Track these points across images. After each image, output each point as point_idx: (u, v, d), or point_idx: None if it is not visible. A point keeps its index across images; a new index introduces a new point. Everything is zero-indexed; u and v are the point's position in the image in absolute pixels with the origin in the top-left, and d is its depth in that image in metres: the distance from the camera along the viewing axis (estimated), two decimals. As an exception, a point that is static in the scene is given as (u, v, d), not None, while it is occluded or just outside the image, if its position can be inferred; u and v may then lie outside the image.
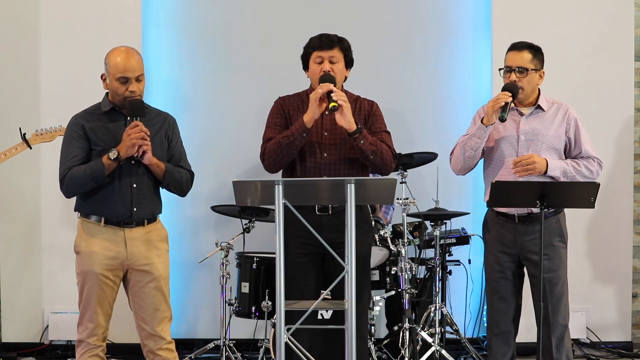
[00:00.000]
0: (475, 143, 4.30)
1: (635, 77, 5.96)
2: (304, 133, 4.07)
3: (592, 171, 4.35)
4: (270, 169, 4.22)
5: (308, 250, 4.00)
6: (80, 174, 3.94)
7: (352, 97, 4.29)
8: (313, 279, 4.11)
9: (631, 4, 5.92)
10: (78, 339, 4.06)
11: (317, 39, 4.25)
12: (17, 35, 5.75)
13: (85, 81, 5.69)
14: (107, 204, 3.99)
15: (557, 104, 4.40)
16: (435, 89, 6.05)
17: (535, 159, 4.24)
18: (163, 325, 4.07)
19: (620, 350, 5.90)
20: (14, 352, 5.68)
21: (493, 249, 4.40)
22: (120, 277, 4.06)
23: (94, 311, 4.00)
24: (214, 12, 6.02)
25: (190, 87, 5.98)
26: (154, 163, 4.01)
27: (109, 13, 5.75)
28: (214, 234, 5.74)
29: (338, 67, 4.20)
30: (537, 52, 4.35)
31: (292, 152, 4.10)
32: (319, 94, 4.03)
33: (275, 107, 4.31)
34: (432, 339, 5.20)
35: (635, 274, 6.03)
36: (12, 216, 5.77)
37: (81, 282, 4.03)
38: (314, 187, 3.77)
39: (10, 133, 5.30)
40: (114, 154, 3.91)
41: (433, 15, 6.05)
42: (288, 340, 3.56)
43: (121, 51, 4.04)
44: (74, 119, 4.09)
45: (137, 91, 3.99)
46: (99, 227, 4.01)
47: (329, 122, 4.20)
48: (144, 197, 4.04)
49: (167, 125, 4.17)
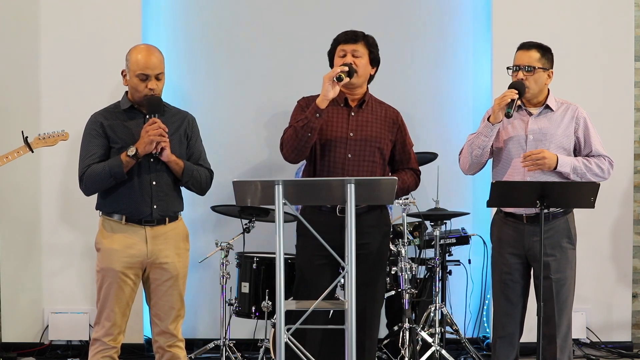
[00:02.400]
0: (483, 141, 4.29)
1: (635, 77, 5.96)
2: (317, 113, 4.03)
3: (603, 169, 4.32)
4: (288, 157, 4.17)
5: (327, 253, 4.02)
6: (99, 171, 3.95)
7: (377, 101, 4.31)
8: (330, 281, 4.03)
9: (631, 4, 5.92)
10: (93, 337, 4.05)
11: (342, 33, 4.25)
12: (17, 36, 5.74)
13: (86, 81, 5.72)
14: (127, 202, 4.00)
15: (566, 104, 4.38)
16: (435, 89, 6.05)
17: (545, 154, 4.21)
18: (176, 324, 4.11)
19: (620, 350, 5.90)
20: (14, 352, 5.68)
21: (501, 250, 4.37)
22: (140, 277, 4.06)
23: (112, 310, 3.99)
24: (214, 12, 6.01)
25: (190, 86, 5.98)
26: (172, 160, 4.01)
27: (109, 13, 5.74)
28: (214, 234, 5.74)
29: (361, 61, 4.18)
30: (546, 52, 4.34)
31: (308, 135, 4.05)
32: (334, 73, 4.02)
33: (298, 105, 4.29)
34: (432, 339, 5.20)
35: (635, 274, 6.03)
36: (12, 216, 5.76)
37: (100, 279, 4.02)
38: (314, 187, 3.77)
39: (10, 133, 5.30)
40: (132, 150, 3.92)
41: (433, 15, 6.05)
42: (288, 340, 3.57)
43: (142, 48, 4.06)
44: (93, 117, 4.09)
45: (156, 89, 4.00)
46: (121, 225, 4.01)
47: (355, 123, 4.20)
48: (163, 195, 4.04)
49: (187, 123, 4.17)
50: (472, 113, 6.03)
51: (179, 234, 4.13)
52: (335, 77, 4.00)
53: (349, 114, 4.21)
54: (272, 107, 5.93)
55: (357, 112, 4.22)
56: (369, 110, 4.24)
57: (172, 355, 4.11)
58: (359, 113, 4.22)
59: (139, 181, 4.00)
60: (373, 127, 4.21)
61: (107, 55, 5.68)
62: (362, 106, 4.24)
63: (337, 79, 4.00)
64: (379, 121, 4.23)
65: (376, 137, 4.20)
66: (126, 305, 4.04)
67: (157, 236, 4.04)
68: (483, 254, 5.77)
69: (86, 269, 5.74)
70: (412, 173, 4.34)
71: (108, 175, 3.94)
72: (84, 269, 5.75)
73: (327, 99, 4.03)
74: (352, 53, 4.18)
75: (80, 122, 4.17)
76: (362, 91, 4.25)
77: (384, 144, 4.21)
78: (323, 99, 4.03)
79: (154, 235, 4.03)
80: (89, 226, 5.75)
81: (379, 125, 4.22)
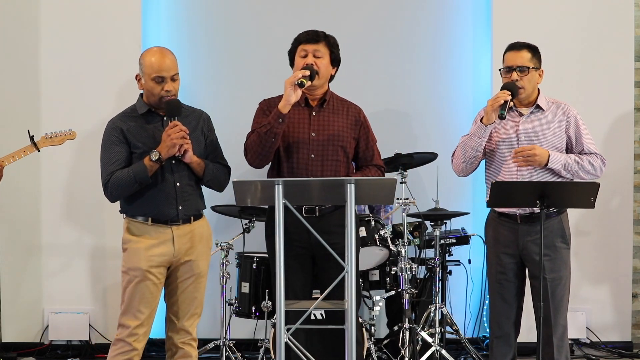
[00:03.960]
0: (476, 143, 4.30)
1: (635, 77, 5.95)
2: (280, 119, 4.04)
3: (595, 167, 4.33)
4: (252, 163, 4.19)
5: (296, 252, 4.00)
6: (124, 177, 3.95)
7: (338, 99, 4.31)
8: (303, 279, 4.11)
9: (631, 4, 5.92)
10: (116, 338, 4.01)
11: (304, 33, 4.25)
12: (17, 35, 5.74)
13: (86, 81, 5.72)
14: (153, 205, 4.01)
15: (556, 103, 4.40)
16: (435, 89, 6.05)
17: (536, 151, 4.22)
18: (192, 322, 4.12)
19: (620, 350, 5.90)
20: (14, 352, 5.68)
21: (495, 249, 4.39)
22: (165, 275, 4.05)
23: (138, 309, 3.97)
24: (214, 11, 6.02)
25: (190, 86, 5.97)
26: (194, 161, 4.03)
27: (109, 13, 5.75)
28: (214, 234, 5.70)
29: (322, 62, 4.19)
30: (535, 52, 4.36)
31: (272, 140, 4.07)
32: (295, 78, 4.01)
33: (259, 108, 4.30)
34: (432, 339, 5.20)
35: (635, 274, 6.02)
36: (12, 216, 5.77)
37: (127, 279, 4.00)
38: (314, 187, 3.77)
39: (10, 133, 5.30)
40: (155, 155, 3.92)
41: (433, 15, 6.05)
42: (288, 340, 3.57)
43: (155, 51, 4.05)
44: (112, 124, 4.08)
45: (172, 90, 4.01)
46: (147, 225, 4.01)
47: (317, 122, 4.20)
48: (187, 195, 4.06)
49: (203, 121, 4.19)
50: (472, 113, 6.00)
51: (204, 233, 4.15)
52: (297, 82, 3.99)
53: (310, 114, 4.20)
54: (272, 107, 5.93)
55: (318, 111, 4.22)
56: (330, 109, 4.24)
57: (184, 352, 4.12)
58: (320, 113, 4.22)
59: (163, 183, 4.01)
60: (335, 126, 4.21)
61: (107, 55, 5.69)
62: (323, 105, 4.24)
63: (298, 85, 4.00)
64: (341, 119, 4.23)
65: (338, 136, 4.19)
66: (151, 306, 4.01)
67: (184, 235, 4.05)
68: (483, 254, 5.76)
69: (86, 269, 5.74)
70: (376, 170, 4.33)
71: (133, 181, 3.95)
72: (84, 269, 5.76)
73: (289, 104, 4.03)
74: (313, 53, 4.18)
75: (80, 122, 4.19)
76: (322, 91, 4.26)
77: (346, 142, 4.21)
78: (285, 104, 4.03)
79: (181, 234, 4.04)
80: (89, 226, 5.78)
81: (341, 123, 4.22)
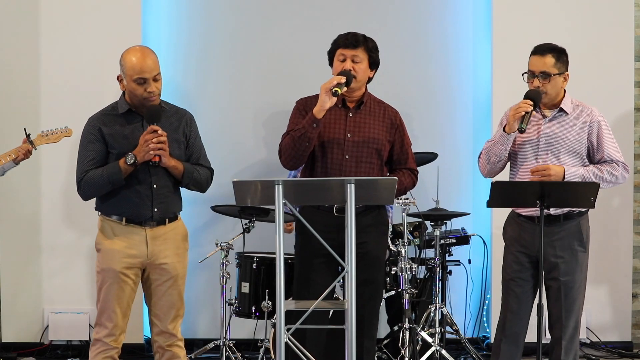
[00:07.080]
0: (499, 150, 4.27)
1: (635, 77, 5.95)
2: (314, 124, 4.03)
3: (617, 176, 4.26)
4: (286, 164, 4.18)
5: (326, 252, 4.01)
6: (97, 177, 3.94)
7: (375, 100, 4.29)
8: (330, 280, 4.00)
9: (631, 4, 5.92)
10: (94, 338, 4.04)
11: (343, 36, 4.21)
12: (17, 35, 5.74)
13: (86, 81, 5.72)
14: (127, 205, 3.99)
15: (581, 107, 4.31)
16: (435, 89, 6.05)
17: (551, 171, 4.17)
18: (175, 324, 4.11)
19: (620, 350, 5.90)
20: (14, 352, 5.68)
21: (512, 248, 4.36)
22: (139, 277, 4.06)
23: (113, 310, 3.99)
24: (214, 12, 6.01)
25: (190, 86, 5.98)
26: (171, 166, 3.99)
27: (109, 13, 5.74)
28: (214, 234, 5.73)
29: (360, 66, 4.16)
30: (561, 54, 4.25)
31: (305, 144, 4.07)
32: (330, 84, 3.99)
33: (296, 108, 4.28)
34: (432, 339, 5.20)
35: (635, 274, 6.02)
36: (12, 216, 5.77)
37: (100, 280, 4.01)
38: (314, 187, 3.77)
39: (10, 133, 5.30)
40: (131, 158, 3.89)
41: (433, 15, 6.05)
42: (288, 340, 3.57)
43: (136, 51, 3.98)
44: (90, 122, 4.06)
45: (155, 91, 3.95)
46: (121, 225, 4.00)
47: (353, 124, 4.19)
48: (164, 197, 4.03)
49: (185, 123, 4.12)
50: (472, 113, 6.04)
51: (179, 234, 4.12)
52: (332, 91, 3.97)
53: (347, 115, 4.20)
54: (272, 107, 5.94)
55: (355, 113, 4.22)
56: (367, 111, 4.23)
57: (172, 354, 4.12)
58: (357, 114, 4.21)
59: (139, 185, 3.98)
60: (371, 128, 4.20)
61: (107, 55, 5.65)
62: (360, 107, 4.23)
63: (333, 94, 3.98)
64: (377, 122, 4.22)
65: (374, 138, 4.19)
66: (127, 305, 4.03)
67: (157, 237, 4.03)
68: (483, 254, 5.77)
69: (86, 269, 5.74)
70: (409, 173, 4.33)
71: (107, 182, 3.93)
72: (84, 269, 5.75)
73: (324, 110, 4.02)
74: (351, 58, 4.15)
75: (80, 122, 4.16)
76: (360, 93, 4.24)
77: (381, 145, 4.21)
78: (320, 109, 4.02)
79: (154, 235, 4.03)
80: (89, 226, 5.75)
81: (377, 126, 4.21)
